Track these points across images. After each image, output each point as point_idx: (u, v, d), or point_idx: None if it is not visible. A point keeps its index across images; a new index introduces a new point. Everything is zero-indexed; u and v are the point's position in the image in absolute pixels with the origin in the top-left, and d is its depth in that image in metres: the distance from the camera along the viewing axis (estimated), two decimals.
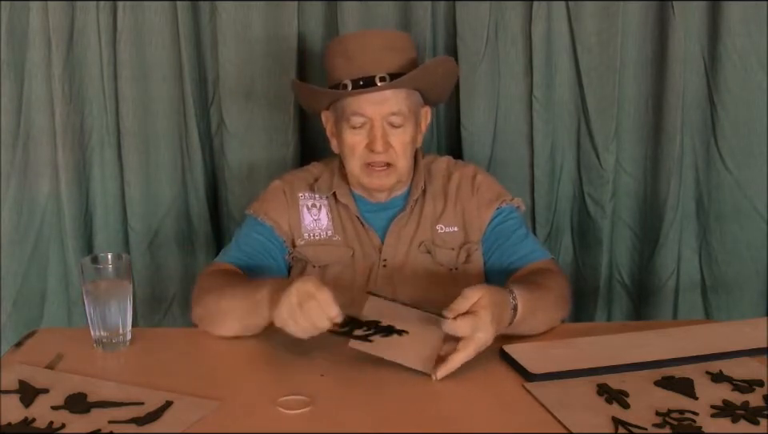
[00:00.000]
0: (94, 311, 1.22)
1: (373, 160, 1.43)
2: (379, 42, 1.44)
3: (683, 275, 1.89)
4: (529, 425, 0.99)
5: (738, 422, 0.98)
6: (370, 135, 1.42)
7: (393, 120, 1.42)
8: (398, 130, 1.43)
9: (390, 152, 1.43)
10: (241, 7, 1.80)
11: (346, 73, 1.43)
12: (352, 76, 1.42)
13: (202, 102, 1.89)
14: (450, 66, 1.52)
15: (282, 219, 1.49)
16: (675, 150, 1.80)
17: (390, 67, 1.42)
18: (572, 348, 1.20)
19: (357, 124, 1.42)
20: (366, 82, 1.40)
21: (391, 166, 1.44)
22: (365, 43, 1.44)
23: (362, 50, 1.42)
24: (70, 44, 1.82)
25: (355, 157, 1.44)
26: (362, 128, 1.43)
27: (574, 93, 1.86)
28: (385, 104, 1.41)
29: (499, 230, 1.48)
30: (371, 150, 1.42)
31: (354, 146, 1.44)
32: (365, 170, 1.45)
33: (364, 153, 1.43)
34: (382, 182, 1.46)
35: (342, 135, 1.45)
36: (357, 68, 1.42)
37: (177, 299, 1.94)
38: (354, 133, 1.43)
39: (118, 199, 1.91)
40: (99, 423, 0.99)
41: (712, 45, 1.80)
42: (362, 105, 1.41)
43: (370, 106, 1.41)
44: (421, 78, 1.44)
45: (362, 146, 1.43)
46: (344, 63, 1.43)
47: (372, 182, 1.45)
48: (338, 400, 1.07)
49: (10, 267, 1.90)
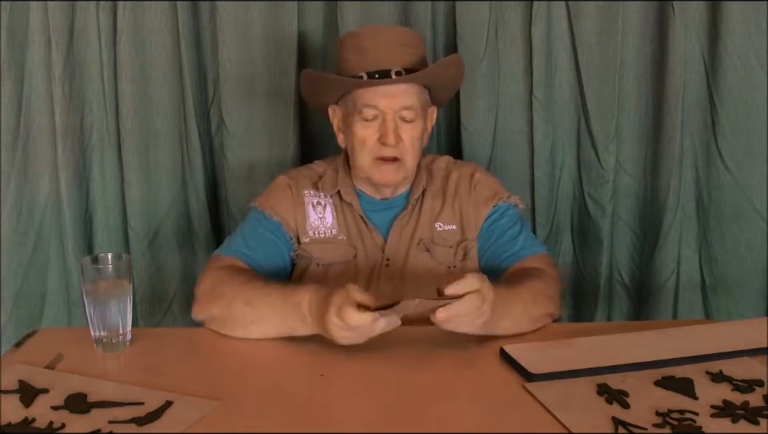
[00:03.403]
0: (93, 311, 1.22)
1: (383, 154, 1.43)
2: (394, 38, 1.45)
3: (683, 275, 1.89)
4: (529, 425, 0.98)
5: (738, 422, 0.98)
6: (381, 129, 1.42)
7: (405, 114, 1.43)
8: (409, 125, 1.44)
9: (400, 146, 1.43)
10: (241, 7, 1.80)
11: (360, 66, 1.43)
12: (367, 69, 1.42)
13: (202, 102, 1.89)
14: (460, 66, 1.53)
15: (289, 215, 1.49)
16: (675, 150, 1.80)
17: (404, 63, 1.43)
18: (572, 348, 1.20)
19: (369, 117, 1.43)
20: (382, 75, 1.41)
21: (399, 160, 1.44)
22: (379, 38, 1.45)
23: (377, 45, 1.43)
24: (70, 44, 1.82)
25: (365, 150, 1.44)
26: (373, 121, 1.43)
27: (574, 93, 1.86)
28: (398, 98, 1.42)
29: (494, 227, 1.49)
30: (383, 143, 1.42)
31: (364, 139, 1.44)
32: (374, 164, 1.45)
33: (375, 146, 1.43)
34: (390, 177, 1.46)
35: (353, 128, 1.45)
36: (372, 61, 1.42)
37: (177, 299, 1.94)
38: (365, 126, 1.43)
39: (118, 199, 1.91)
40: (99, 423, 0.99)
41: (712, 45, 1.80)
42: (375, 97, 1.42)
43: (383, 99, 1.42)
44: (436, 74, 1.46)
45: (373, 139, 1.43)
46: (358, 57, 1.44)
47: (381, 177, 1.46)
48: (337, 400, 1.07)
49: (9, 267, 1.90)
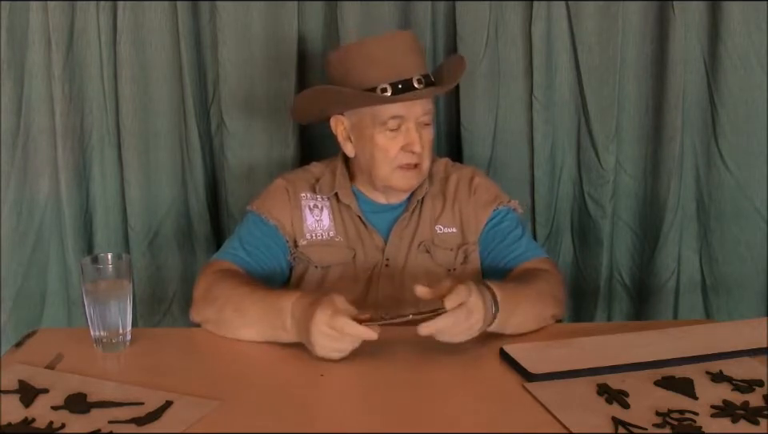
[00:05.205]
0: (93, 311, 1.22)
1: (407, 161, 1.43)
2: (402, 45, 1.44)
3: (683, 275, 1.89)
4: (529, 425, 0.98)
5: (738, 422, 0.98)
6: (406, 137, 1.42)
7: (425, 119, 1.44)
8: (427, 129, 1.45)
9: (422, 152, 1.44)
10: (241, 7, 1.80)
11: (378, 77, 1.40)
12: (390, 80, 1.40)
13: (202, 102, 1.89)
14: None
15: (286, 219, 1.49)
16: (675, 150, 1.80)
17: (419, 67, 1.44)
18: (572, 348, 1.20)
19: (394, 126, 1.42)
20: (404, 84, 1.40)
21: (418, 166, 1.45)
22: (389, 46, 1.43)
23: (389, 54, 1.42)
24: (70, 44, 1.82)
25: (389, 160, 1.43)
26: (397, 130, 1.42)
27: (574, 93, 1.86)
28: (419, 104, 1.42)
29: (495, 231, 1.49)
30: (410, 151, 1.42)
31: (389, 148, 1.43)
32: (397, 172, 1.44)
33: (399, 155, 1.43)
34: (413, 183, 1.47)
35: (375, 139, 1.43)
36: (391, 72, 1.41)
37: (177, 299, 1.94)
38: (390, 136, 1.42)
39: (118, 199, 1.91)
40: (99, 423, 0.99)
41: (712, 45, 1.80)
42: (400, 108, 1.41)
43: (407, 109, 1.41)
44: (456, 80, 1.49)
45: (397, 148, 1.43)
46: (375, 68, 1.41)
47: (404, 183, 1.46)
48: (337, 400, 1.07)
49: (9, 267, 1.90)
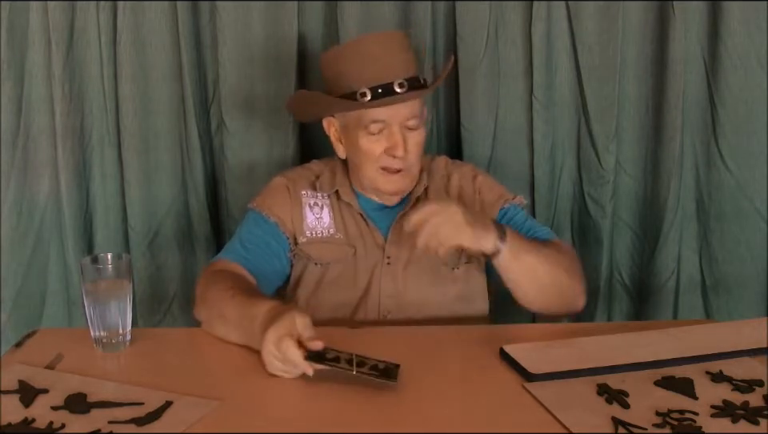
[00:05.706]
0: (93, 311, 1.22)
1: (388, 165, 1.43)
2: (386, 46, 1.42)
3: (683, 275, 1.89)
4: (529, 425, 0.99)
5: (738, 422, 0.98)
6: (389, 140, 1.41)
7: (410, 123, 1.42)
8: (414, 133, 1.43)
9: (406, 157, 1.43)
10: (241, 7, 1.80)
11: (360, 81, 1.39)
12: (369, 84, 1.39)
13: (202, 102, 1.88)
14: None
15: (286, 216, 1.49)
16: (675, 150, 1.80)
17: (404, 69, 1.41)
18: (572, 348, 1.20)
19: (376, 131, 1.42)
20: (385, 89, 1.39)
21: (401, 171, 1.44)
22: (374, 48, 1.41)
23: (372, 56, 1.40)
24: (70, 44, 1.82)
25: (371, 161, 1.44)
26: (379, 134, 1.42)
27: (574, 93, 1.86)
28: (403, 109, 1.41)
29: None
30: (392, 154, 1.41)
31: (370, 151, 1.43)
32: (381, 174, 1.44)
33: (381, 156, 1.43)
34: (397, 187, 1.46)
35: (359, 143, 1.43)
36: (372, 75, 1.39)
37: (177, 299, 1.94)
38: (372, 140, 1.42)
39: (118, 199, 1.91)
40: (99, 423, 0.99)
41: (712, 45, 1.80)
42: (381, 112, 1.40)
43: (389, 113, 1.40)
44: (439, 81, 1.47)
45: (379, 150, 1.43)
46: (356, 71, 1.40)
47: (388, 187, 1.46)
48: (336, 400, 1.07)
49: (9, 267, 1.89)
